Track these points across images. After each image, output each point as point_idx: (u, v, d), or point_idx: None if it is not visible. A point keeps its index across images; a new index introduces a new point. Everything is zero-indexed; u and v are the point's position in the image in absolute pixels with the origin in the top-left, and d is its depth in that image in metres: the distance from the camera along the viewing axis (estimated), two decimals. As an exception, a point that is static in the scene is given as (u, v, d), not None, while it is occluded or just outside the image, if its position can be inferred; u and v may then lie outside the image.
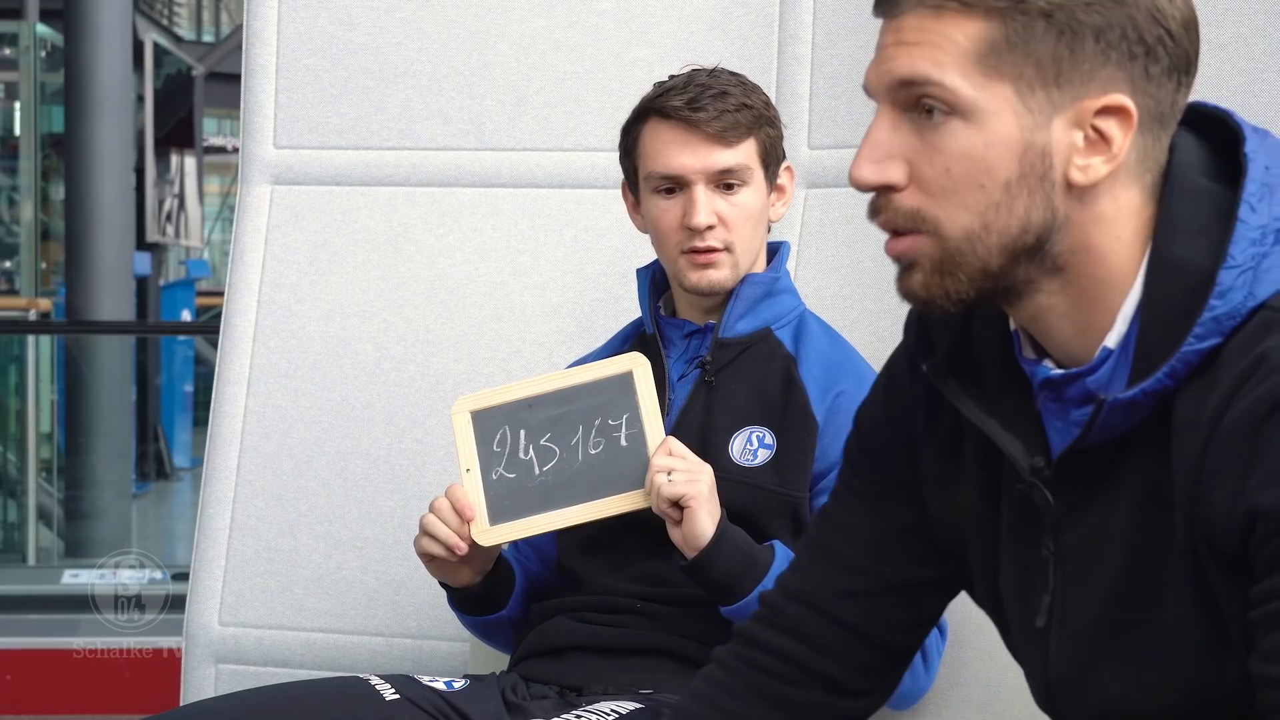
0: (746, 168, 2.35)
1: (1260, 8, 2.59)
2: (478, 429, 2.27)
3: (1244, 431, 1.33)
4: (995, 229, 1.40)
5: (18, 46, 9.45)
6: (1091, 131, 1.38)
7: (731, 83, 2.37)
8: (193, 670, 2.86)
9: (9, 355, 8.29)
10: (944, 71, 1.38)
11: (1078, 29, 1.36)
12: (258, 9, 2.95)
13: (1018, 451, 1.48)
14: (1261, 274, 1.37)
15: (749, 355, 2.37)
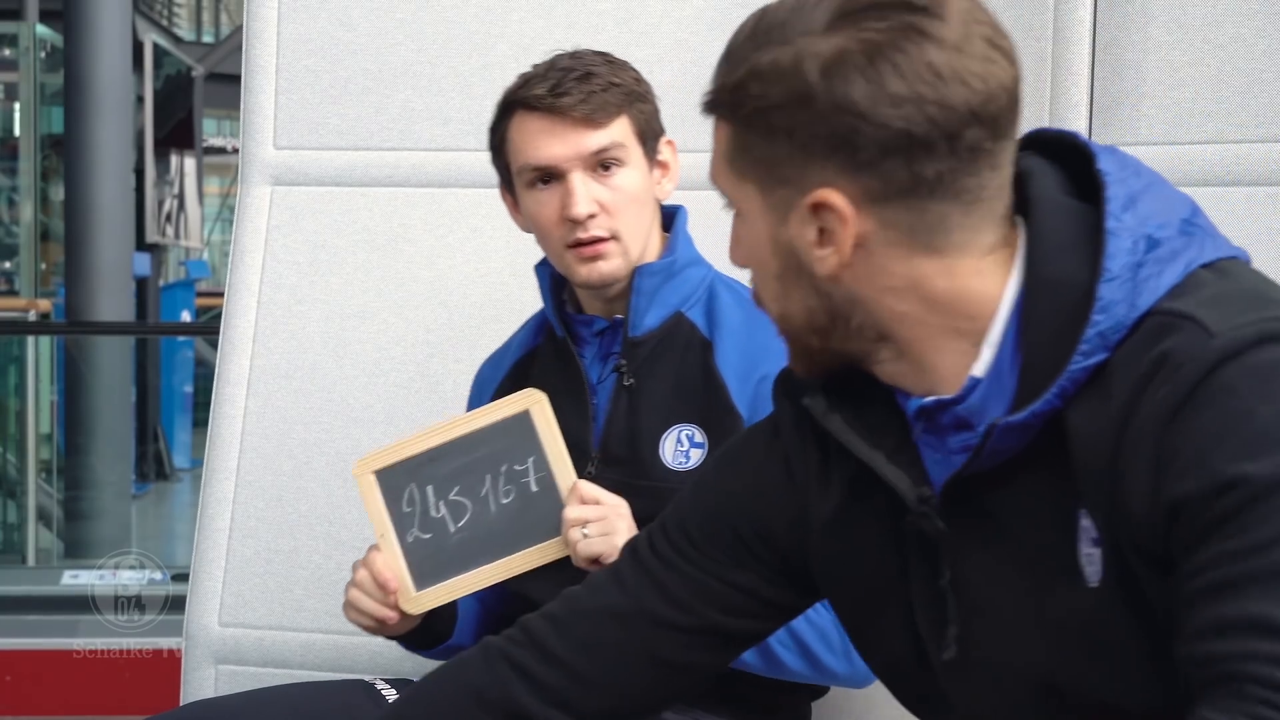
0: (621, 146, 2.24)
1: (1260, 8, 2.59)
2: (385, 490, 2.17)
3: (1154, 432, 1.33)
4: (789, 316, 1.48)
5: (17, 47, 9.46)
6: (819, 224, 1.42)
7: (596, 62, 2.27)
8: (193, 671, 2.86)
9: (9, 356, 8.29)
10: (715, 172, 1.50)
11: (774, 134, 1.42)
12: (258, 9, 2.95)
13: (904, 484, 1.48)
14: (1140, 284, 1.38)
15: (664, 347, 2.27)
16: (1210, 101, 2.59)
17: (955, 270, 1.42)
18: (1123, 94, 2.64)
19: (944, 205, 1.40)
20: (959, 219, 1.41)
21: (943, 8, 1.39)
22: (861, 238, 1.42)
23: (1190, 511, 1.31)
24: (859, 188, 1.40)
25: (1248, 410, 1.29)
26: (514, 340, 2.44)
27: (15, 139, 9.77)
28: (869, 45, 1.38)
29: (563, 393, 2.28)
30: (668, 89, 2.87)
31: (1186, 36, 2.61)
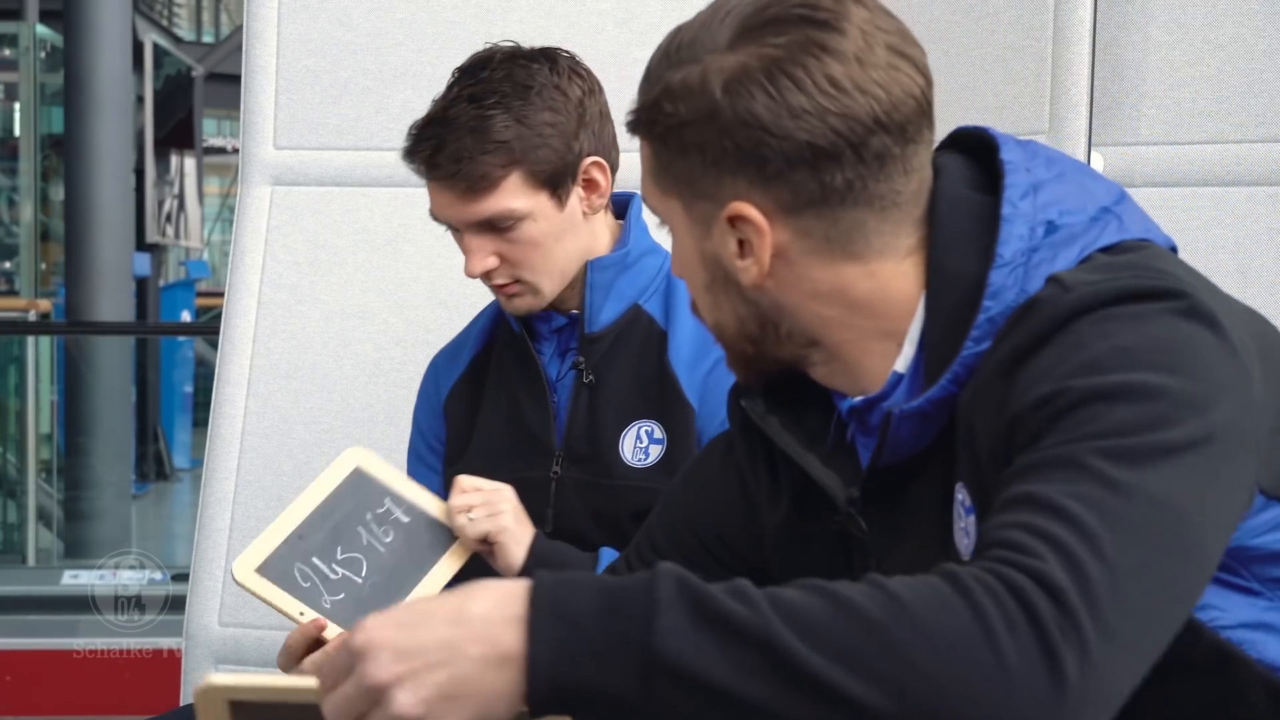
0: (510, 211, 2.17)
1: (1260, 8, 2.59)
2: (276, 580, 2.13)
3: (1004, 369, 1.35)
4: (722, 325, 1.51)
5: (18, 47, 9.46)
6: (739, 235, 1.45)
7: (488, 106, 2.16)
8: (193, 671, 2.86)
9: (9, 356, 8.29)
10: (644, 190, 1.51)
11: (687, 150, 1.44)
12: (258, 10, 2.95)
13: (834, 484, 1.50)
14: (1032, 269, 1.39)
15: (623, 341, 2.25)
16: (1210, 101, 2.59)
17: (876, 274, 1.45)
18: (1123, 94, 2.64)
19: (857, 212, 1.43)
20: (875, 225, 1.44)
21: (842, 21, 1.41)
22: (779, 247, 1.44)
23: (1020, 426, 1.32)
24: (770, 199, 1.43)
25: (1084, 345, 1.31)
26: (469, 334, 2.41)
27: (15, 139, 9.76)
28: (769, 61, 1.41)
29: (523, 390, 2.28)
30: (668, 89, 2.88)
31: (1186, 36, 2.61)
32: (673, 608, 1.19)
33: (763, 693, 1.17)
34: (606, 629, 1.19)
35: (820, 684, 1.16)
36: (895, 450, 1.44)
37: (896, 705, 1.15)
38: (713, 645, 1.18)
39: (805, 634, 1.17)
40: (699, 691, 1.17)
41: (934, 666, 1.16)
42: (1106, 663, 1.18)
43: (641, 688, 1.18)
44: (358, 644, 1.22)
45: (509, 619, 1.21)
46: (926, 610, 1.17)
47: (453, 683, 1.20)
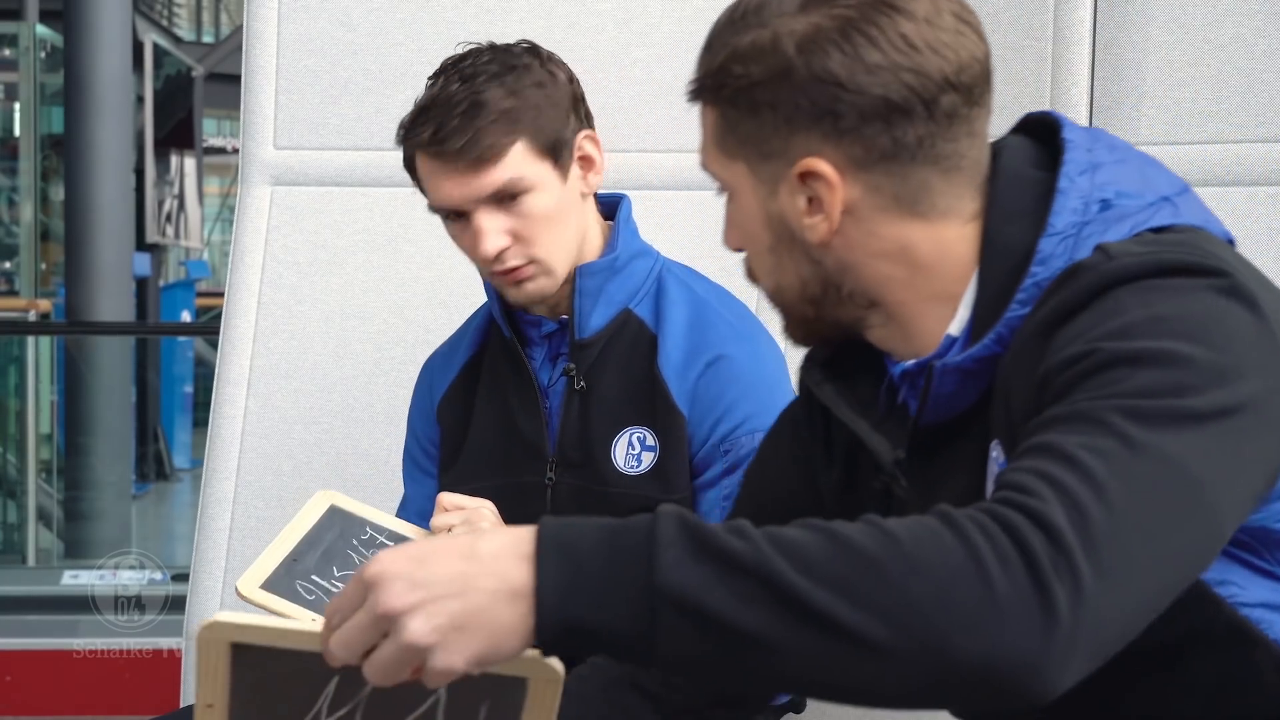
0: (519, 178, 2.16)
1: (1260, 8, 2.59)
2: (281, 593, 2.11)
3: (1043, 331, 1.38)
4: (784, 287, 1.54)
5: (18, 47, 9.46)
6: (808, 193, 1.48)
7: (482, 80, 2.17)
8: (193, 671, 2.86)
9: (9, 356, 8.29)
10: (706, 158, 1.55)
11: (758, 109, 1.48)
12: (258, 10, 2.95)
13: (883, 447, 1.54)
14: (1081, 240, 1.43)
15: (613, 346, 2.24)
16: (1210, 101, 2.59)
17: (939, 235, 1.48)
18: (1123, 94, 2.64)
19: (925, 171, 1.47)
20: (940, 185, 1.47)
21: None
22: (849, 203, 1.47)
23: (1049, 383, 1.35)
24: (842, 155, 1.46)
25: (1120, 311, 1.34)
26: (462, 339, 2.40)
27: (15, 139, 9.77)
28: (842, 20, 1.45)
29: (515, 395, 2.27)
30: (667, 89, 2.87)
31: (1186, 36, 2.61)
32: (674, 543, 1.21)
33: (763, 623, 1.19)
34: (611, 565, 1.22)
35: (818, 614, 1.18)
36: (938, 406, 1.48)
37: (892, 635, 1.17)
38: (714, 577, 1.20)
39: (803, 567, 1.19)
40: (701, 623, 1.19)
41: (927, 598, 1.18)
42: (1100, 603, 1.19)
43: (646, 621, 1.20)
44: (370, 575, 1.24)
45: (519, 556, 1.23)
46: (919, 545, 1.19)
47: (465, 614, 1.22)
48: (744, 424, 2.19)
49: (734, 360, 2.21)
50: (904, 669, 1.18)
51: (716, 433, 2.19)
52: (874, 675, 1.19)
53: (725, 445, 2.19)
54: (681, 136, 2.89)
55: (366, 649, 1.24)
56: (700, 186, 2.92)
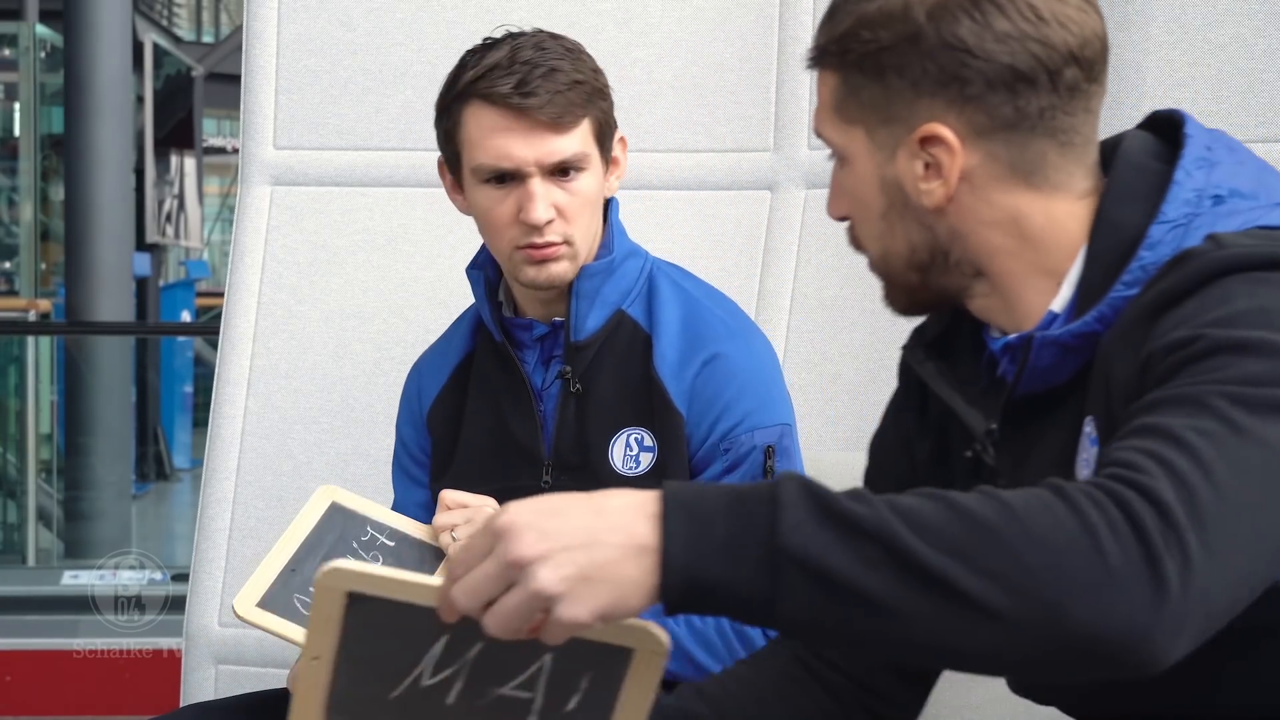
0: (584, 155, 2.15)
1: (1260, 8, 2.59)
2: (280, 612, 2.11)
3: (1149, 313, 1.41)
4: (892, 253, 1.57)
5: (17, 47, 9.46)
6: (927, 158, 1.51)
7: (558, 54, 2.15)
8: (193, 671, 2.86)
9: (9, 356, 8.29)
10: (822, 124, 1.59)
11: (883, 73, 1.51)
12: (258, 10, 2.95)
13: (975, 419, 1.57)
14: (1191, 230, 1.46)
15: (608, 347, 2.22)
16: (1210, 101, 2.59)
17: (1050, 208, 1.52)
18: (1123, 94, 2.64)
19: (1043, 142, 1.50)
20: (1055, 159, 1.51)
21: None
22: (967, 170, 1.50)
23: (1152, 366, 1.37)
24: (965, 121, 1.49)
25: (1228, 300, 1.37)
26: (451, 342, 2.37)
27: (15, 139, 9.77)
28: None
29: (507, 399, 2.25)
30: (667, 89, 2.88)
31: (1186, 36, 2.61)
32: (797, 506, 1.24)
33: (884, 585, 1.22)
34: (735, 525, 1.25)
35: (937, 578, 1.21)
36: (1033, 378, 1.51)
37: (1008, 600, 1.21)
38: (835, 539, 1.23)
39: (923, 532, 1.23)
40: (823, 583, 1.23)
41: (1043, 566, 1.21)
42: (1207, 578, 1.22)
43: (769, 580, 1.23)
44: (500, 524, 1.26)
45: (645, 515, 1.26)
46: (1035, 515, 1.23)
47: (593, 565, 1.25)
48: (743, 422, 2.19)
49: (730, 358, 2.21)
50: (1019, 635, 1.22)
51: (716, 431, 2.19)
52: (990, 641, 1.22)
53: (725, 444, 2.19)
54: (681, 136, 2.89)
55: (490, 598, 1.26)
56: (700, 186, 2.93)
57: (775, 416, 2.21)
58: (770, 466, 2.18)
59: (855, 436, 2.72)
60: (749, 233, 2.84)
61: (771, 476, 2.14)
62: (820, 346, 2.77)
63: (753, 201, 2.85)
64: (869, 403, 2.71)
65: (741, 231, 2.84)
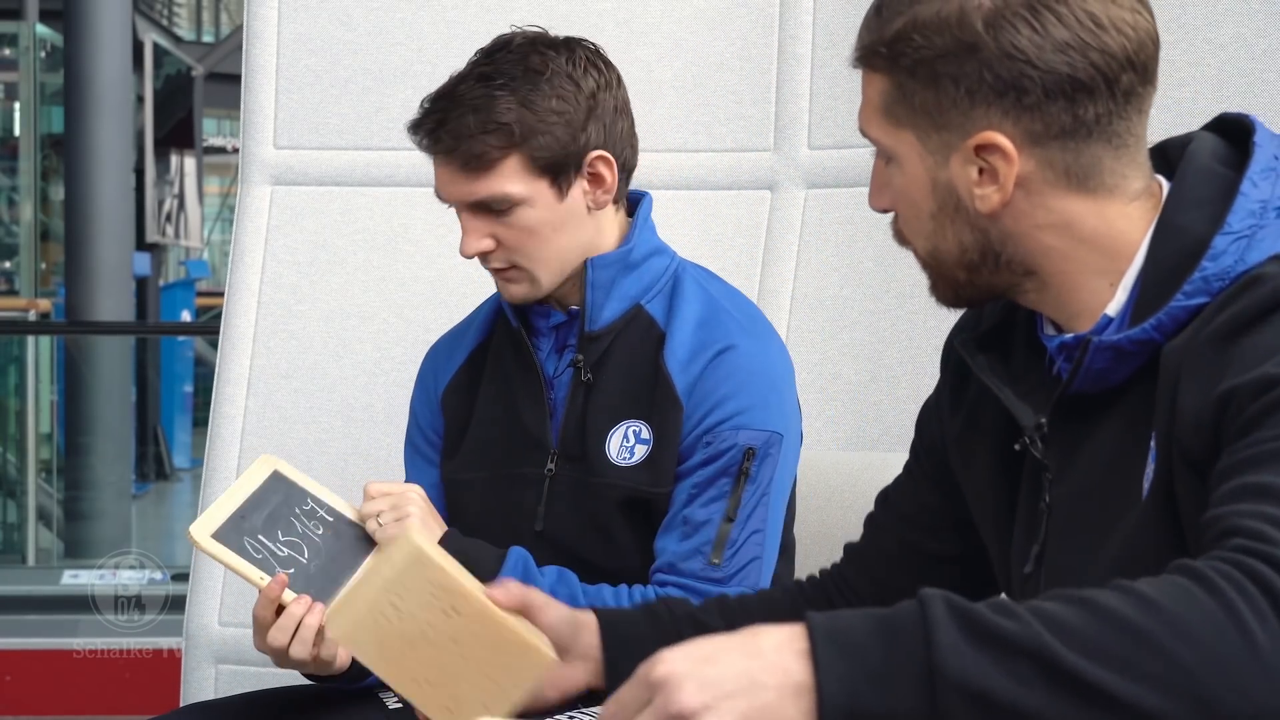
0: (505, 195, 2.16)
1: (1260, 8, 2.59)
2: (231, 546, 2.12)
3: (1220, 339, 1.42)
4: (940, 252, 1.57)
5: (18, 47, 9.47)
6: (982, 164, 1.52)
7: (483, 94, 2.15)
8: (193, 670, 2.86)
9: (9, 356, 8.29)
10: (868, 123, 1.58)
11: (938, 80, 1.51)
12: (258, 9, 2.95)
13: (1024, 413, 1.58)
14: (1255, 243, 1.46)
15: (621, 340, 2.23)
16: (1210, 101, 2.59)
17: (1105, 212, 1.52)
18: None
19: (1098, 148, 1.51)
20: (1110, 162, 1.51)
21: None
22: (1022, 177, 1.51)
23: (1236, 404, 1.38)
24: (1022, 129, 1.50)
25: None
26: (470, 325, 2.39)
27: (15, 139, 9.77)
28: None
29: (519, 385, 2.26)
30: (668, 89, 2.88)
31: (1186, 36, 2.61)
32: (947, 627, 1.25)
33: (1042, 703, 1.23)
34: (888, 653, 1.25)
35: (1094, 689, 1.23)
36: (1087, 379, 1.51)
37: (1166, 702, 1.22)
38: (990, 659, 1.24)
39: (1073, 643, 1.23)
40: (982, 705, 1.23)
41: (1195, 661, 1.22)
42: None
43: (928, 706, 1.24)
44: (658, 675, 1.28)
45: (796, 652, 1.27)
46: (1179, 608, 1.24)
47: (754, 710, 1.26)
48: (731, 419, 2.17)
49: (740, 351, 2.20)
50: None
51: (704, 423, 2.18)
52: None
53: (708, 437, 2.17)
54: (681, 136, 2.89)
55: None
56: (700, 186, 2.93)
57: (768, 422, 2.19)
58: (747, 469, 2.16)
59: (855, 436, 2.72)
60: (749, 233, 2.83)
61: (747, 480, 2.17)
62: (820, 346, 2.77)
63: (753, 201, 2.85)
64: (869, 403, 2.71)
65: (741, 231, 2.84)
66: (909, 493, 1.80)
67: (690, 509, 2.16)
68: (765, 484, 2.17)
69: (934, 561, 1.78)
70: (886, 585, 1.78)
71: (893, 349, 2.69)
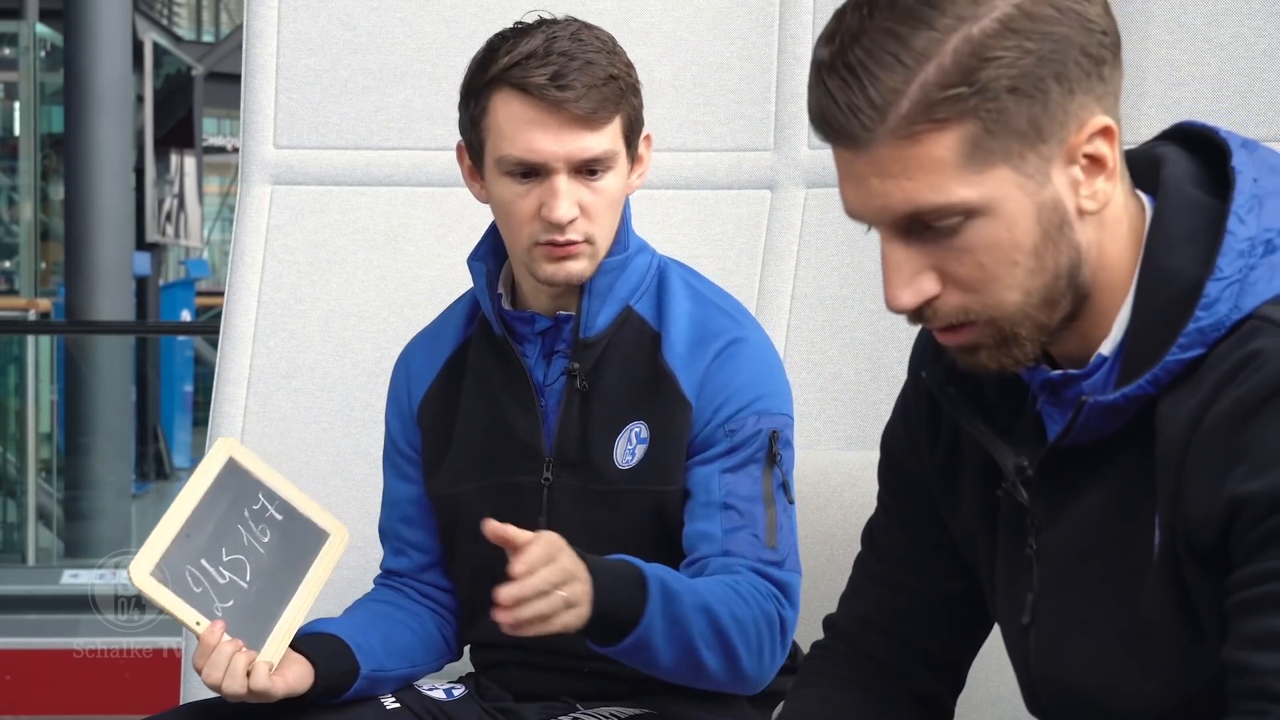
0: (613, 153, 2.10)
1: (1260, 8, 2.59)
2: (171, 585, 2.13)
3: (1226, 428, 1.36)
4: (1037, 290, 1.42)
5: (18, 46, 9.47)
6: (1085, 160, 1.42)
7: (594, 46, 2.08)
8: (192, 670, 2.86)
9: (9, 355, 8.29)
10: (946, 192, 1.38)
11: (1041, 84, 1.38)
12: (258, 9, 2.95)
13: (1005, 454, 1.51)
14: (1248, 286, 1.40)
15: (615, 344, 2.17)
16: (1210, 101, 2.59)
17: (1126, 216, 1.45)
18: (1123, 93, 2.64)
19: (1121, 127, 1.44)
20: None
21: None
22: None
23: (1251, 514, 1.34)
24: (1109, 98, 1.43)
25: None
26: (444, 331, 2.32)
27: (15, 138, 9.77)
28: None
29: (506, 393, 2.21)
30: (667, 89, 2.87)
31: (1186, 36, 2.61)
32: None
33: None
34: None
35: None
36: (1080, 435, 1.46)
37: None
38: None
39: None
40: None
41: None
42: None
43: None
44: None
45: None
46: None
47: None
48: (751, 405, 2.15)
49: (747, 342, 2.18)
50: None
51: (721, 413, 2.15)
52: None
53: (730, 425, 2.14)
54: (681, 136, 2.89)
55: None
56: (700, 186, 2.93)
57: (782, 406, 2.18)
58: (776, 453, 2.14)
59: (855, 436, 2.71)
60: (749, 232, 2.83)
61: (778, 463, 2.13)
62: (820, 346, 2.77)
63: (753, 201, 2.84)
64: (869, 402, 2.71)
65: (741, 231, 2.84)
66: (904, 536, 1.70)
67: (729, 495, 2.12)
68: (789, 468, 2.16)
69: (961, 603, 1.68)
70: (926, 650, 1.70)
71: (893, 349, 2.69)
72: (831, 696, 1.70)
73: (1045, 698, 1.57)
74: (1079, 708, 1.53)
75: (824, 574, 2.42)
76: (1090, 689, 1.51)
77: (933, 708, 1.72)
